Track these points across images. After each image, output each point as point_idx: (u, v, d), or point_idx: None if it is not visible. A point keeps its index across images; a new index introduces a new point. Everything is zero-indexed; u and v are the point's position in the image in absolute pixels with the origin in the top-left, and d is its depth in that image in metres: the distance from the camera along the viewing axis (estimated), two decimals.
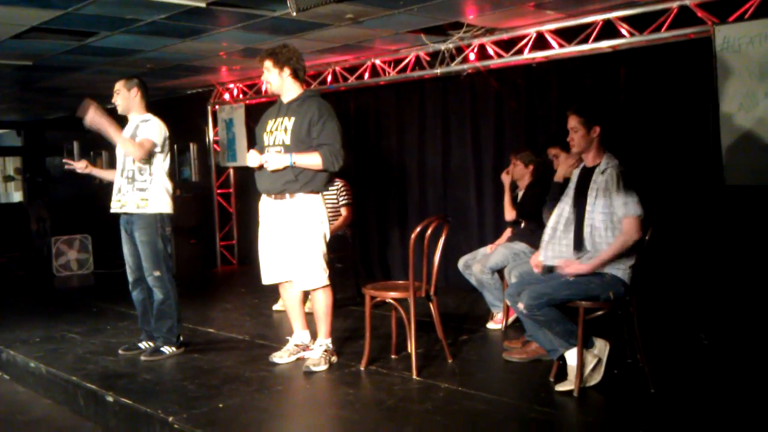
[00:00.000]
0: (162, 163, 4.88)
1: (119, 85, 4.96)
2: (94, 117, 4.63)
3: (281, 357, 4.68)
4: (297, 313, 4.75)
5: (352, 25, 5.95)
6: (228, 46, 6.74)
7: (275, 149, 4.44)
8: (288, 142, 4.42)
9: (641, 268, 3.94)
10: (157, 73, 7.99)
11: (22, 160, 14.18)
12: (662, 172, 5.56)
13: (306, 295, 4.78)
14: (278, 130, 4.46)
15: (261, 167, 4.47)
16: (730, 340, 4.84)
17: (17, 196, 14.85)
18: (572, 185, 4.14)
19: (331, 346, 4.63)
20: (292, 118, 4.44)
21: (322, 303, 4.54)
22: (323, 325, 4.58)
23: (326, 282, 4.54)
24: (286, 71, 4.47)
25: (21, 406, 4.82)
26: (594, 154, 4.04)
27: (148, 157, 4.80)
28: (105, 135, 4.73)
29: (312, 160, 4.35)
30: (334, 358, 4.62)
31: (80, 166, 5.08)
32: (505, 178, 5.63)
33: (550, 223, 4.14)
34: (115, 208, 4.97)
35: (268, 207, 4.59)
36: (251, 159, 4.48)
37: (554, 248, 4.05)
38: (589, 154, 4.06)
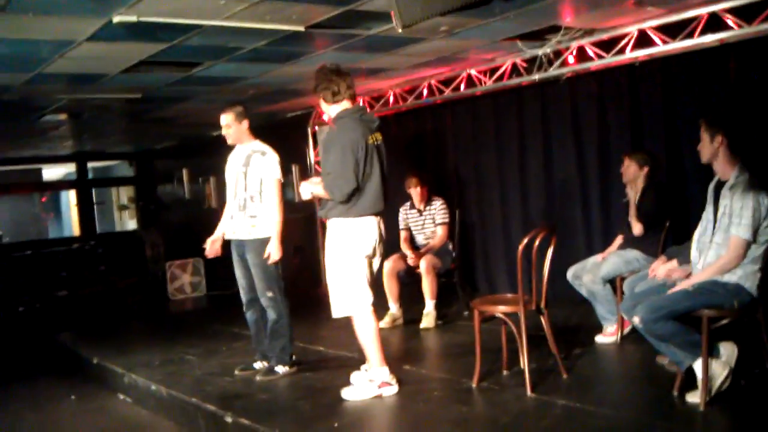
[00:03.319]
0: (276, 188, 5.01)
1: (229, 119, 5.06)
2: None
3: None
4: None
5: (446, 38, 5.92)
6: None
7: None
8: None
9: (766, 273, 3.71)
10: (259, 99, 8.20)
11: (135, 189, 14.87)
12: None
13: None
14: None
15: None
16: None
17: (131, 224, 15.58)
18: (710, 197, 3.98)
19: (379, 377, 4.40)
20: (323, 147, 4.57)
21: (358, 330, 4.42)
22: (366, 352, 4.46)
23: (354, 310, 4.38)
24: (321, 97, 4.49)
25: (144, 428, 5.02)
26: (723, 165, 3.88)
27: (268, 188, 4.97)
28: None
29: (319, 189, 4.36)
30: (383, 390, 4.38)
31: (216, 250, 5.30)
32: (630, 192, 5.38)
33: (696, 235, 4.02)
34: (228, 235, 5.14)
35: None
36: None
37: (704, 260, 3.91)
38: (718, 166, 3.89)
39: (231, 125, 5.07)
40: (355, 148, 4.24)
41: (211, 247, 5.26)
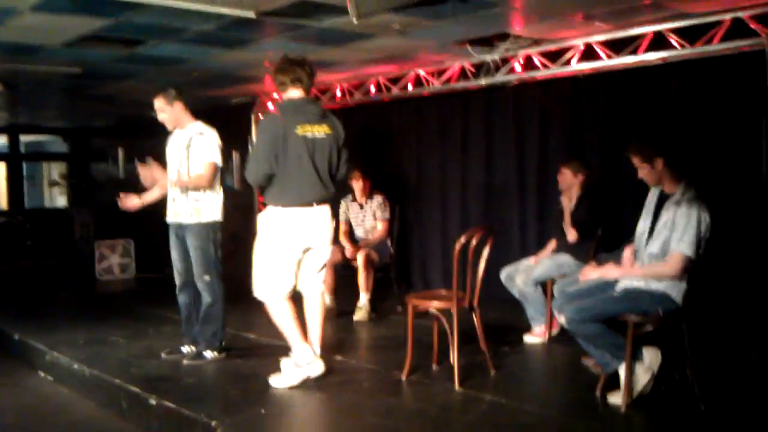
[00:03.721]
0: (218, 173, 4.95)
1: (160, 103, 4.97)
2: (130, 201, 5.05)
3: None
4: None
5: (398, 36, 5.95)
6: (273, 56, 6.78)
7: None
8: None
9: (693, 284, 3.86)
10: (203, 83, 8.07)
11: (68, 165, 14.46)
12: (713, 185, 5.44)
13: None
14: None
15: None
16: None
17: (62, 201, 15.14)
18: (651, 203, 4.10)
19: (302, 357, 4.44)
20: None
21: (272, 316, 4.52)
22: (285, 336, 4.53)
23: (266, 296, 4.48)
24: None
25: (64, 407, 4.89)
26: (669, 183, 3.99)
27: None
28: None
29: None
30: (309, 370, 4.43)
31: (133, 204, 5.14)
32: (565, 200, 5.50)
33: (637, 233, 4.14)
34: (170, 218, 5.04)
35: None
36: None
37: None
38: (665, 184, 4.01)
39: (164, 109, 4.97)
40: (274, 135, 4.29)
41: (127, 199, 5.11)
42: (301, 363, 4.41)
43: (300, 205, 4.37)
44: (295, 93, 4.44)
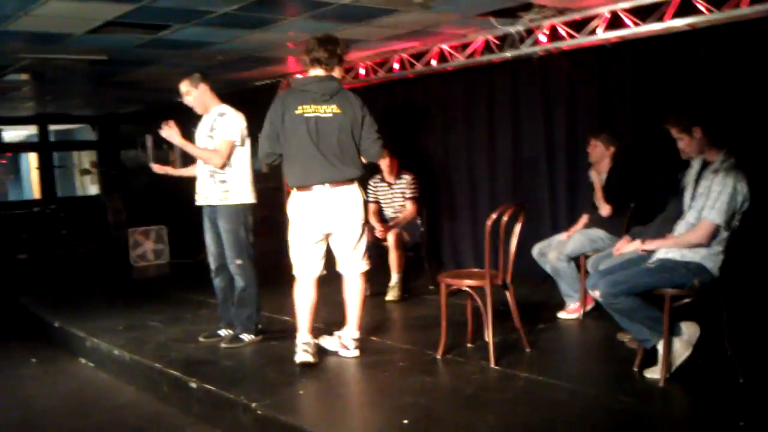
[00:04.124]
0: (243, 154, 4.95)
1: (186, 86, 5.00)
2: (171, 134, 4.89)
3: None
4: None
5: (420, 10, 5.89)
6: (294, 35, 6.77)
7: None
8: None
9: (730, 255, 3.80)
10: (227, 65, 8.09)
11: (98, 153, 14.61)
12: (748, 154, 5.34)
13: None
14: None
15: None
16: None
17: (93, 189, 15.32)
18: (692, 175, 4.04)
19: (299, 339, 4.52)
20: None
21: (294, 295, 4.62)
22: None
23: (295, 274, 4.56)
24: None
25: (106, 392, 4.98)
26: (709, 152, 3.94)
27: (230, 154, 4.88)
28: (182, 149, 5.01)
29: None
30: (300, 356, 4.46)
31: (157, 167, 5.24)
32: (593, 175, 5.45)
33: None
34: (199, 201, 5.08)
35: None
36: None
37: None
38: (707, 154, 3.95)
39: (189, 92, 5.00)
40: (274, 116, 4.35)
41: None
42: (298, 345, 4.47)
43: (306, 186, 4.36)
44: (314, 73, 4.42)
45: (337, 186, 4.35)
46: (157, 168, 5.26)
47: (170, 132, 4.89)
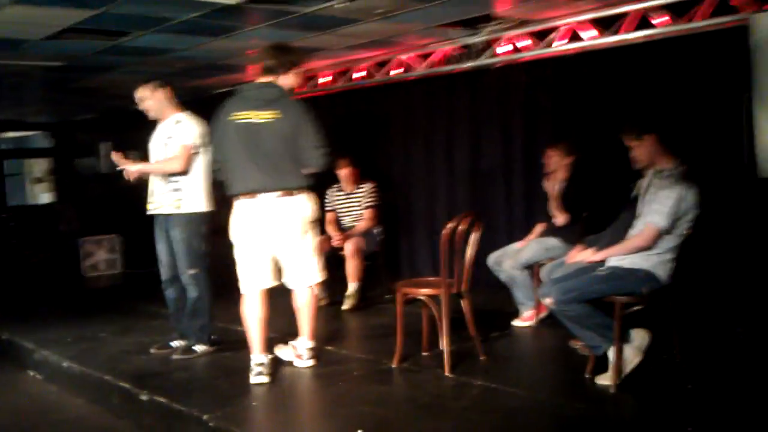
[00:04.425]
0: (198, 161, 4.88)
1: (145, 92, 4.92)
2: (123, 164, 4.87)
3: None
4: None
5: (382, 20, 5.91)
6: (257, 43, 6.72)
7: None
8: None
9: (679, 263, 3.87)
10: (188, 73, 8.01)
11: (52, 161, 14.32)
12: (698, 163, 5.44)
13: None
14: None
15: None
16: (766, 333, 4.73)
17: (45, 198, 15.01)
18: (644, 186, 4.11)
19: (252, 360, 4.40)
20: None
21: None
22: None
23: (241, 289, 4.48)
24: None
25: (55, 405, 4.85)
26: (661, 161, 4.01)
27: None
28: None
29: None
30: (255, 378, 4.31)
31: (132, 171, 4.93)
32: (548, 185, 5.50)
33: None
34: (151, 209, 5.00)
35: None
36: None
37: None
38: (658, 162, 4.02)
39: (145, 97, 4.92)
40: (216, 123, 4.32)
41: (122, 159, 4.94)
42: (252, 365, 4.33)
43: (237, 194, 4.26)
44: (264, 80, 4.33)
45: (272, 195, 4.20)
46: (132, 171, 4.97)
47: (122, 162, 4.87)
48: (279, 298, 4.55)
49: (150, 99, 4.92)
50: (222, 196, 4.56)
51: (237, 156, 4.21)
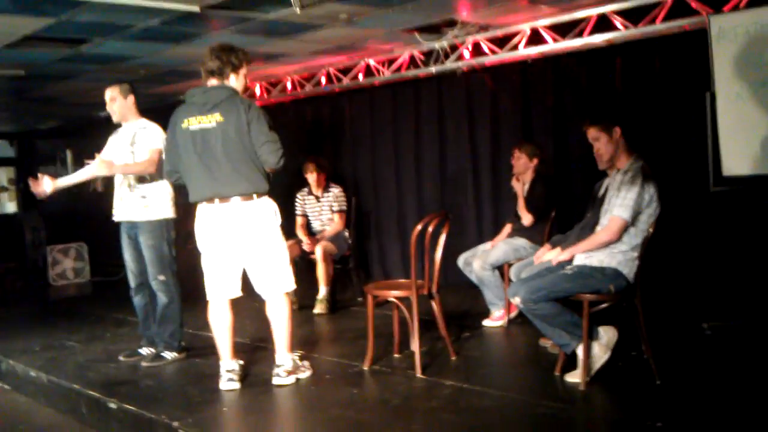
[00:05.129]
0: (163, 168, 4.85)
1: (114, 92, 4.89)
2: (55, 184, 4.97)
3: None
4: None
5: (345, 26, 5.93)
6: None
7: None
8: None
9: (645, 261, 3.93)
10: (150, 79, 7.95)
11: (15, 170, 14.12)
12: (660, 164, 5.55)
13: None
14: None
15: None
16: (733, 330, 4.82)
17: (11, 207, 14.77)
18: (606, 188, 4.16)
19: (222, 367, 4.33)
20: None
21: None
22: None
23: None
24: None
25: (23, 415, 4.77)
26: (622, 156, 4.06)
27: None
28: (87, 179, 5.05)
29: None
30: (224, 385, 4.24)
31: (42, 191, 5.02)
32: (516, 185, 5.56)
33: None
34: (117, 216, 4.95)
35: None
36: None
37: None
38: (620, 159, 4.06)
39: (116, 98, 4.88)
40: (169, 132, 4.22)
41: (39, 183, 4.97)
42: (222, 372, 4.27)
43: (197, 202, 4.17)
44: (209, 84, 4.16)
45: (230, 201, 4.07)
46: (38, 188, 5.06)
47: (39, 185, 5.01)
48: (253, 303, 4.51)
49: (118, 101, 4.88)
50: (186, 202, 4.49)
51: (190, 163, 4.09)
